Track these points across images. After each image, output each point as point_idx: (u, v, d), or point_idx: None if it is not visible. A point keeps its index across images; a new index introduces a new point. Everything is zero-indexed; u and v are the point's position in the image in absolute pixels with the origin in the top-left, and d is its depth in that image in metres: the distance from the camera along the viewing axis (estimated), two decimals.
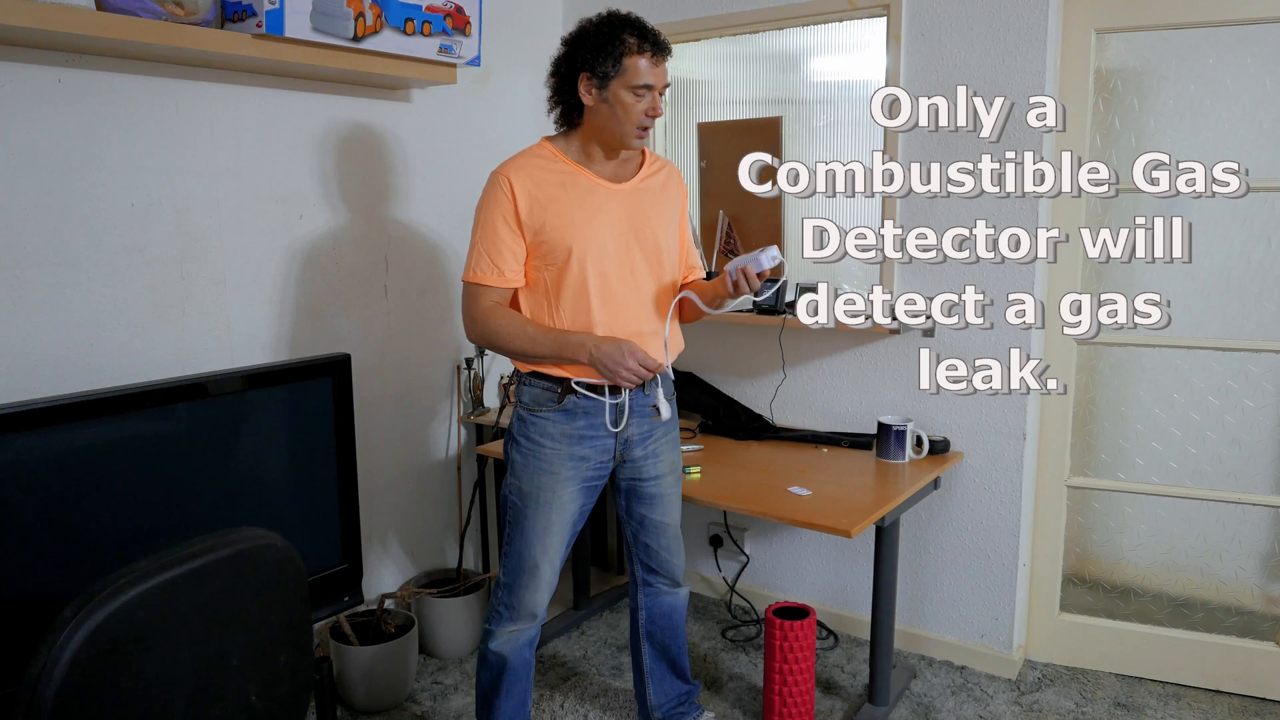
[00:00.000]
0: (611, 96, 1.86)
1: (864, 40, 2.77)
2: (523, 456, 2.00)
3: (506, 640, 2.06)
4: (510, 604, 2.05)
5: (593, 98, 1.87)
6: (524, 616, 2.05)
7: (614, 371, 1.88)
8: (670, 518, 2.16)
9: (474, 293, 1.95)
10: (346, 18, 2.20)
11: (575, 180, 1.94)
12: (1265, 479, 2.50)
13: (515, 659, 2.06)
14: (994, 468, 2.63)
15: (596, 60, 1.84)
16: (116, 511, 1.76)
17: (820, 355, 2.89)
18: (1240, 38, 2.36)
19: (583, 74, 1.87)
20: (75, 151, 2.04)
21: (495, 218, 1.92)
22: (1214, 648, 2.56)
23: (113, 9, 1.90)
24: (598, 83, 1.85)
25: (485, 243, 1.93)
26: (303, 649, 1.40)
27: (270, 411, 2.03)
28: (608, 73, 1.84)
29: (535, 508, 1.99)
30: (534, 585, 2.03)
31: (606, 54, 1.83)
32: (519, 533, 2.02)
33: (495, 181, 1.93)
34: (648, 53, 1.84)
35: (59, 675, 1.06)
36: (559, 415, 1.97)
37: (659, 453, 2.10)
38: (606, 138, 1.92)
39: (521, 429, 2.01)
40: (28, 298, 2.00)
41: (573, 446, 1.98)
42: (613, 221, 1.95)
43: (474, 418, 2.97)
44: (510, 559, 2.04)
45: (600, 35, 1.84)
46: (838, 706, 2.54)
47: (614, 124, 1.88)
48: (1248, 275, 2.45)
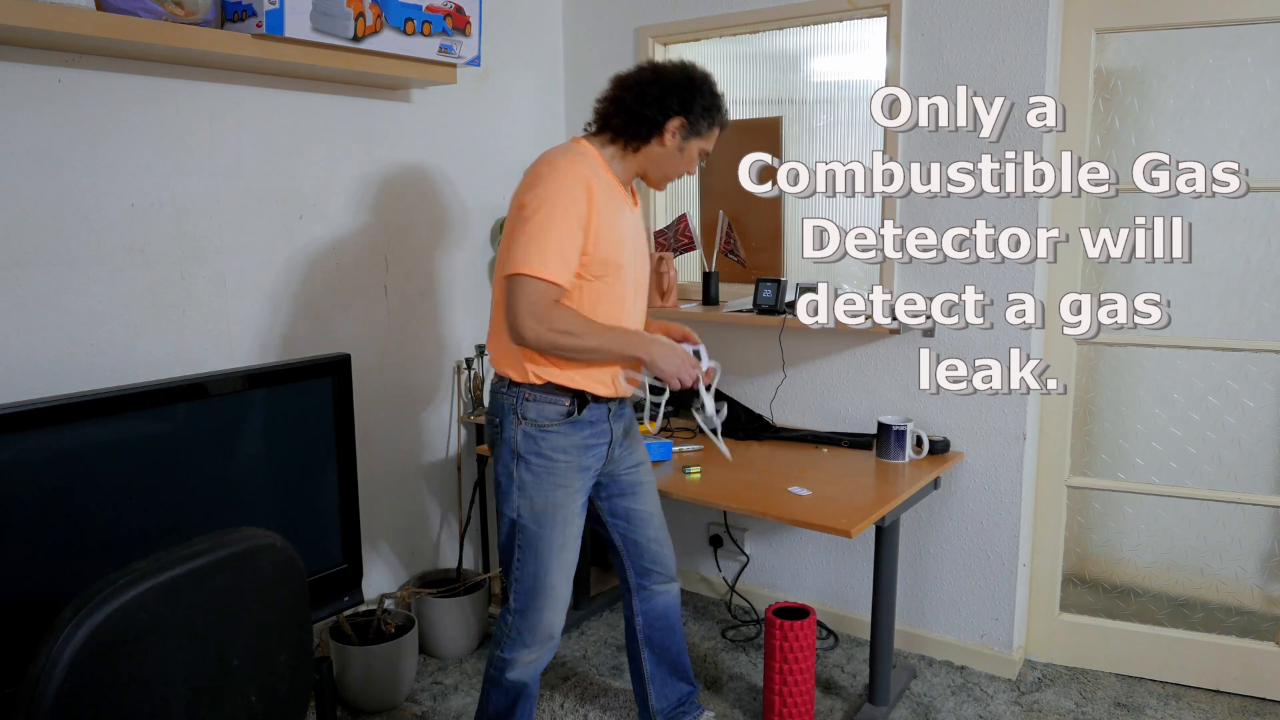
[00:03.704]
0: (686, 148, 1.96)
1: (864, 40, 2.77)
2: (535, 475, 1.92)
3: (526, 667, 2.01)
4: (525, 629, 1.98)
5: (673, 142, 1.93)
6: (542, 640, 2.00)
7: (666, 374, 1.94)
8: (654, 505, 2.18)
9: (542, 290, 1.80)
10: (346, 18, 2.20)
11: (613, 193, 1.93)
12: (1265, 479, 2.50)
13: (533, 683, 2.04)
14: (994, 468, 2.63)
15: (700, 116, 1.93)
16: (116, 511, 1.76)
17: (820, 355, 2.89)
18: (1240, 37, 2.36)
19: (680, 119, 1.92)
20: (75, 151, 2.04)
21: (571, 216, 1.81)
22: (1214, 648, 2.56)
23: (113, 9, 1.90)
24: (684, 133, 1.93)
25: (560, 240, 1.80)
26: (303, 649, 1.40)
27: (270, 411, 2.03)
28: (699, 130, 1.94)
29: (552, 526, 1.94)
30: (552, 607, 1.98)
31: (707, 115, 1.95)
32: (533, 555, 1.95)
33: (576, 178, 1.82)
34: (724, 127, 2.01)
35: (59, 675, 1.06)
36: (567, 428, 1.94)
37: (634, 443, 2.13)
38: (651, 173, 1.98)
39: (530, 446, 1.92)
40: (28, 298, 2.00)
41: (581, 457, 1.97)
42: (631, 241, 1.98)
43: (474, 418, 2.97)
44: (523, 584, 1.96)
45: (709, 96, 1.95)
46: (838, 706, 2.54)
47: (669, 169, 1.97)
48: (1248, 275, 2.45)
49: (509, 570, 1.99)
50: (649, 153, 1.95)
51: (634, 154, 1.95)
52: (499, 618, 2.03)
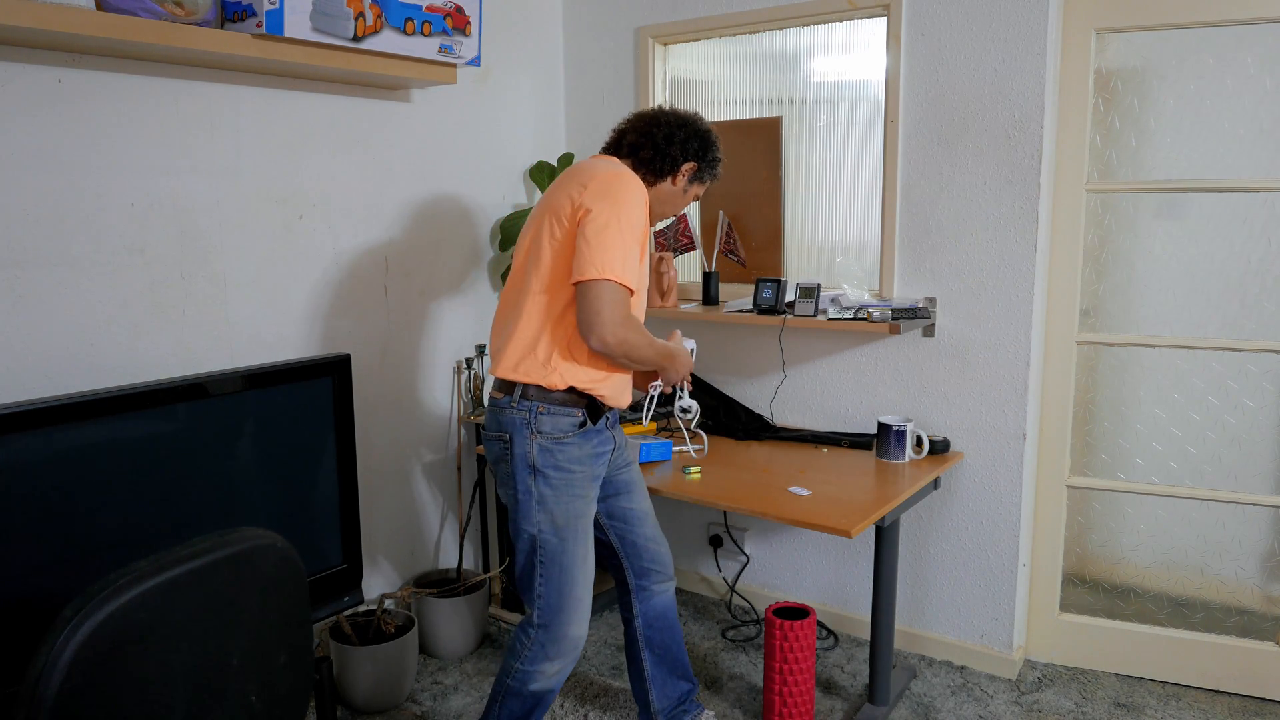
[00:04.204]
0: (688, 190, 2.12)
1: (864, 40, 2.77)
2: (554, 488, 1.93)
3: (549, 679, 2.01)
4: (549, 642, 1.98)
5: (681, 182, 2.09)
6: (567, 652, 2.00)
7: (669, 376, 2.08)
8: (646, 504, 2.21)
9: (623, 295, 1.85)
10: (346, 18, 2.20)
11: None
12: (1265, 479, 2.50)
13: (555, 691, 2.05)
14: (994, 468, 2.63)
15: (708, 166, 2.11)
16: (116, 511, 1.76)
17: (820, 355, 2.89)
18: (1240, 38, 2.36)
19: (693, 164, 2.08)
20: (75, 151, 2.04)
21: (639, 229, 1.90)
22: (1214, 648, 2.56)
23: (113, 9, 1.90)
24: (692, 175, 2.09)
25: (628, 247, 1.85)
26: (303, 649, 1.40)
27: (270, 411, 2.03)
28: (703, 177, 2.12)
29: (574, 537, 1.96)
30: (578, 619, 1.99)
31: (712, 167, 2.12)
32: (558, 569, 1.95)
33: (641, 194, 1.93)
34: (716, 180, 2.18)
35: (59, 675, 1.06)
36: (580, 438, 1.96)
37: (622, 444, 2.17)
38: (654, 207, 2.09)
39: (548, 460, 1.92)
40: (28, 298, 2.00)
41: (593, 466, 2.00)
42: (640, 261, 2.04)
43: (474, 418, 2.97)
44: (548, 600, 1.96)
45: (717, 150, 2.12)
46: (838, 706, 2.54)
47: (668, 207, 2.12)
48: (1248, 275, 2.45)
49: (530, 586, 1.98)
50: (660, 188, 2.07)
51: (649, 187, 2.06)
52: (518, 628, 2.02)
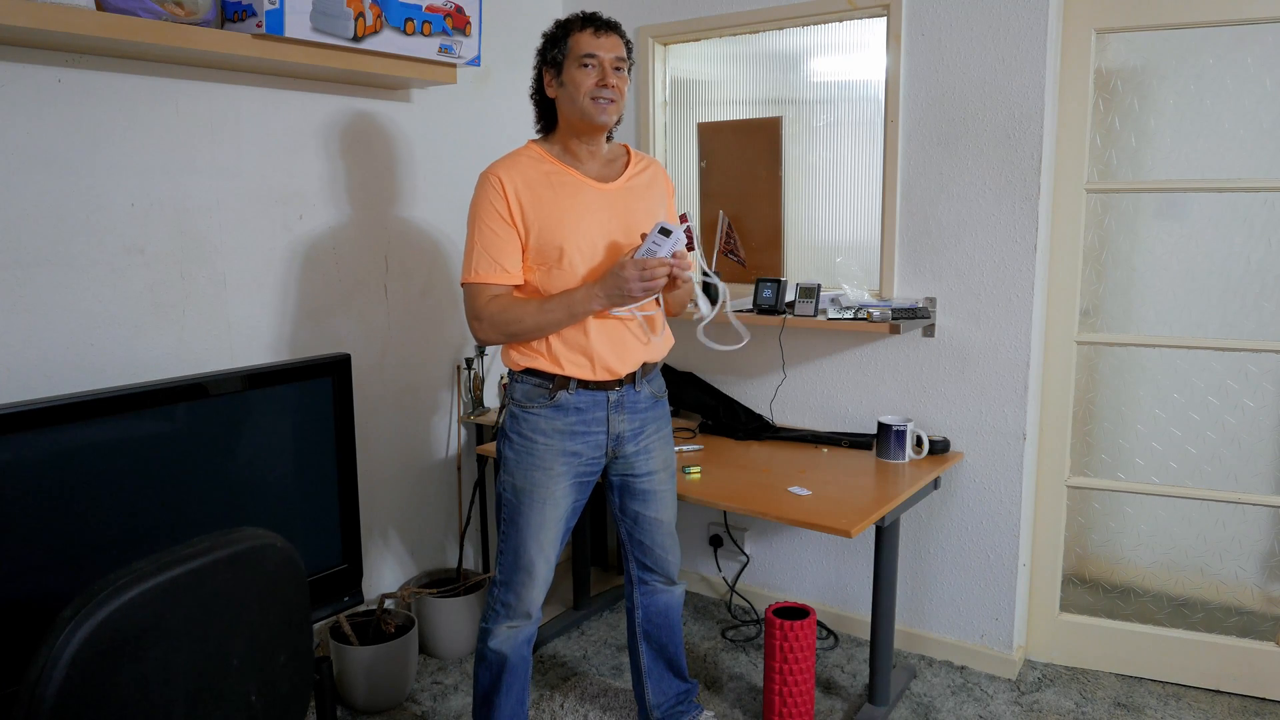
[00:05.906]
0: (567, 79, 1.94)
1: (864, 40, 2.77)
2: (515, 453, 2.01)
3: (506, 638, 2.07)
4: (507, 601, 2.07)
5: (554, 88, 1.98)
6: (520, 614, 2.07)
7: (629, 293, 1.87)
8: (664, 515, 2.17)
9: (476, 292, 1.96)
10: (346, 18, 2.20)
11: (563, 179, 1.97)
12: (1265, 479, 2.50)
13: (514, 656, 2.08)
14: (994, 468, 2.63)
15: (549, 52, 1.97)
16: (116, 511, 1.76)
17: (820, 355, 2.89)
18: (1240, 38, 2.36)
19: (545, 70, 1.99)
20: (75, 151, 2.04)
21: (491, 216, 1.94)
22: (1214, 648, 2.56)
23: (113, 9, 1.90)
24: (554, 72, 1.96)
25: (484, 242, 1.94)
26: (303, 649, 1.40)
27: (270, 411, 2.03)
28: (559, 58, 1.95)
29: (530, 504, 2.01)
30: (530, 583, 2.05)
31: (555, 42, 1.96)
32: (514, 529, 2.03)
33: (486, 181, 1.96)
34: (589, 28, 1.94)
35: (59, 675, 1.06)
36: (550, 411, 1.99)
37: (651, 449, 2.11)
38: (574, 122, 1.96)
39: (513, 425, 2.02)
40: (28, 298, 2.00)
41: (565, 442, 2.00)
42: (602, 220, 1.97)
43: (474, 418, 2.97)
44: (506, 556, 2.06)
45: (551, 32, 1.98)
46: (838, 706, 2.54)
47: (572, 103, 1.93)
48: (1248, 275, 2.45)
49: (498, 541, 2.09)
50: (561, 116, 1.99)
51: (559, 129, 2.01)
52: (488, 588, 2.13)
